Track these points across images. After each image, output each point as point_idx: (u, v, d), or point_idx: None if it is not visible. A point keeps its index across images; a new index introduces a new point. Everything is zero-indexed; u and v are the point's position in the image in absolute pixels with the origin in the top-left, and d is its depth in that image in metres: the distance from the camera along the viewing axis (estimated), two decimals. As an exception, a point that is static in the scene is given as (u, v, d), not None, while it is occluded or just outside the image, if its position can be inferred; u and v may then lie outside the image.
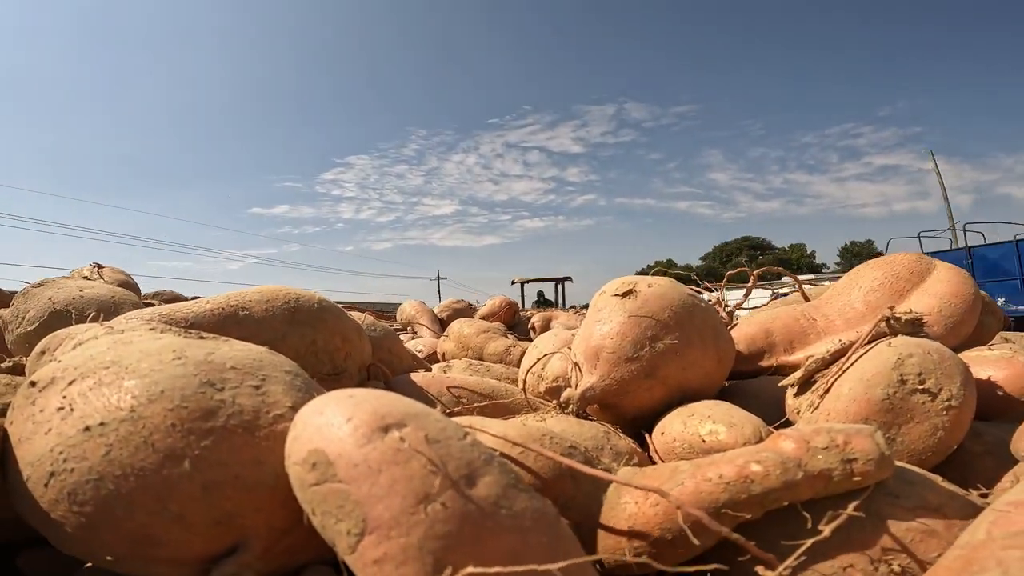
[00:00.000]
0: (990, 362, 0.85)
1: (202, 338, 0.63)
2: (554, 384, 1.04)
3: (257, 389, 0.53)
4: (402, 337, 2.11)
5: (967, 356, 0.85)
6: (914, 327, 0.79)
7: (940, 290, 1.02)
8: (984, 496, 0.57)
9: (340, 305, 1.06)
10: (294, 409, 0.52)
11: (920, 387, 0.69)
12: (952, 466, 0.70)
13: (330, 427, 0.43)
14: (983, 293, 1.08)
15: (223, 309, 0.89)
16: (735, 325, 1.13)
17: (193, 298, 1.09)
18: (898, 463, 0.57)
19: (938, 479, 0.57)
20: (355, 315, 1.18)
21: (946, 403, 0.68)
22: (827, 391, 0.76)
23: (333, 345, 0.94)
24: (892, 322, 0.79)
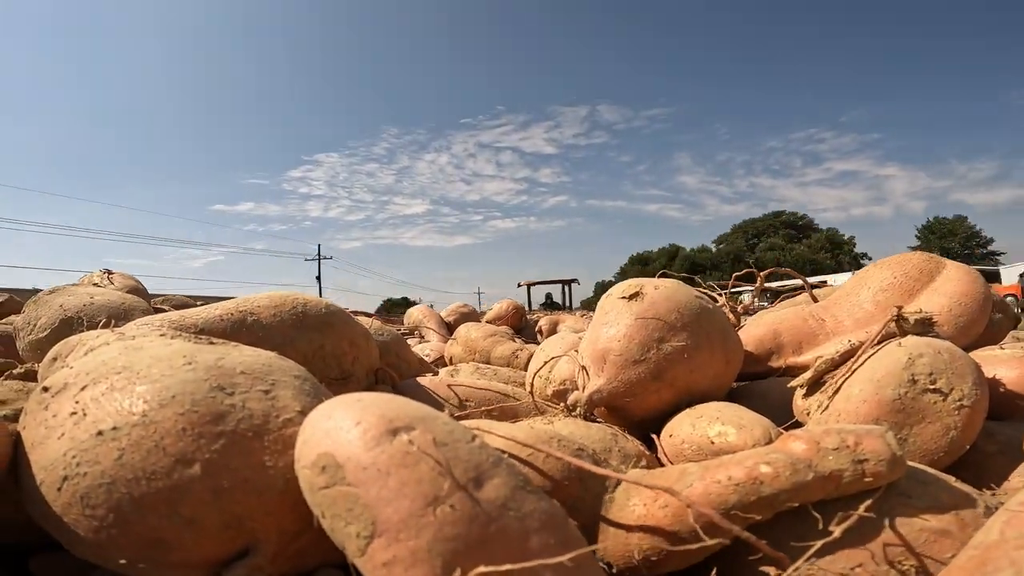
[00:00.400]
0: (1002, 361, 0.84)
1: (212, 343, 0.64)
2: (561, 387, 1.04)
3: (267, 394, 0.53)
4: (409, 341, 2.11)
5: (978, 355, 0.85)
6: (924, 327, 0.79)
7: (950, 289, 1.01)
8: (996, 496, 0.56)
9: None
10: (303, 413, 0.52)
11: (931, 387, 0.68)
12: (965, 466, 0.69)
13: (339, 431, 0.43)
14: (994, 291, 1.07)
15: (232, 315, 0.89)
16: (743, 326, 1.12)
17: (201, 301, 1.10)
18: (910, 463, 0.56)
19: (951, 479, 0.56)
20: (363, 319, 1.19)
21: (958, 403, 0.67)
22: (837, 392, 0.75)
23: (341, 350, 0.95)
24: (902, 322, 0.78)
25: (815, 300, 1.22)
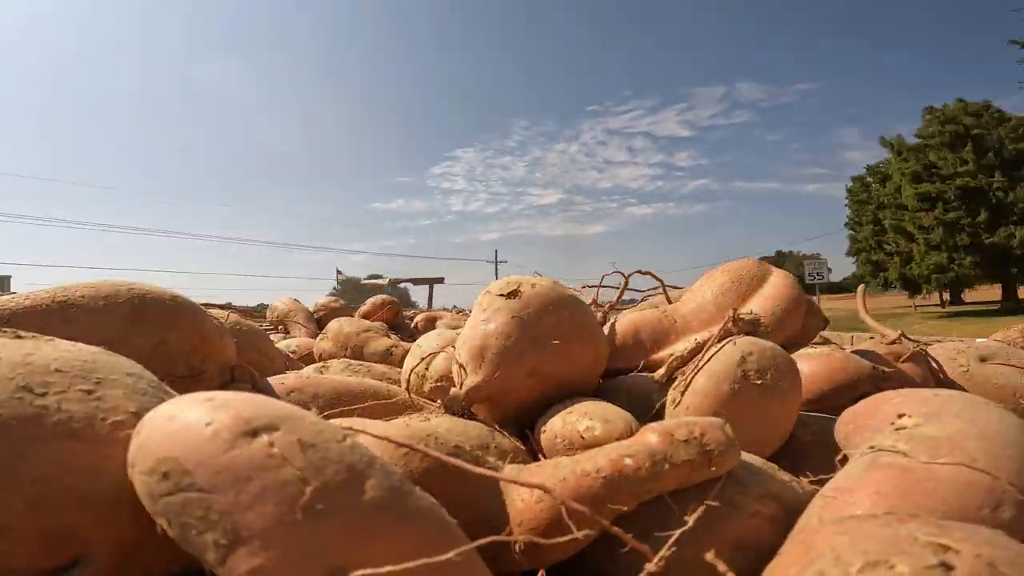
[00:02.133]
0: (811, 358, 0.99)
1: (20, 337, 0.54)
2: (438, 384, 1.03)
3: (89, 394, 0.47)
4: (274, 337, 1.95)
5: (794, 353, 0.98)
6: (753, 326, 0.90)
7: (773, 293, 1.17)
8: (814, 482, 0.65)
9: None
10: (138, 415, 0.46)
11: (759, 382, 0.78)
12: (785, 455, 0.78)
13: (185, 432, 0.38)
14: (807, 296, 1.25)
15: (46, 305, 0.76)
16: (611, 324, 1.20)
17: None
18: (744, 453, 0.63)
19: (775, 467, 0.64)
20: (218, 313, 1.08)
21: (781, 396, 0.77)
22: (687, 388, 0.83)
23: (190, 345, 0.85)
24: (737, 322, 0.88)
25: (669, 301, 1.34)
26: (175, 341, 0.84)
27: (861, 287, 1.35)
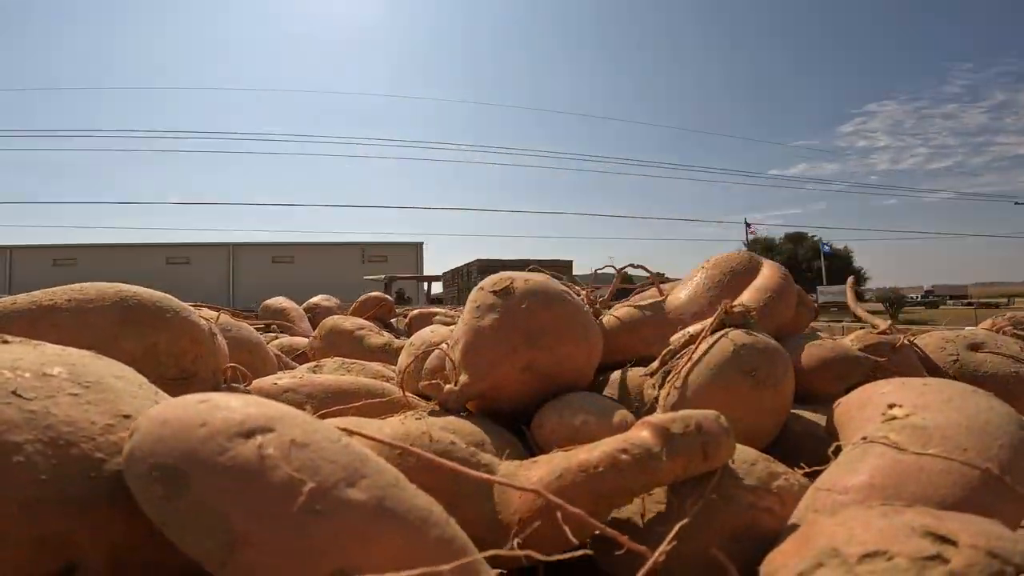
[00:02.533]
0: (799, 348, 1.00)
1: (6, 342, 0.53)
2: (432, 381, 1.03)
3: (78, 397, 0.46)
4: (266, 336, 1.94)
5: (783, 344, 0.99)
6: (745, 319, 0.90)
7: (764, 285, 1.17)
8: (808, 474, 0.65)
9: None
10: (130, 418, 0.46)
11: (752, 374, 0.78)
12: (778, 446, 0.79)
13: (180, 435, 0.38)
14: (797, 287, 1.26)
15: (32, 309, 0.76)
16: (604, 318, 1.20)
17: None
18: (738, 445, 0.63)
19: (771, 459, 0.65)
20: (208, 313, 1.07)
21: (773, 387, 0.78)
22: (684, 381, 0.83)
23: (180, 348, 0.85)
24: (729, 315, 0.89)
25: (662, 294, 1.34)
26: (165, 343, 0.83)
27: (851, 278, 1.36)
